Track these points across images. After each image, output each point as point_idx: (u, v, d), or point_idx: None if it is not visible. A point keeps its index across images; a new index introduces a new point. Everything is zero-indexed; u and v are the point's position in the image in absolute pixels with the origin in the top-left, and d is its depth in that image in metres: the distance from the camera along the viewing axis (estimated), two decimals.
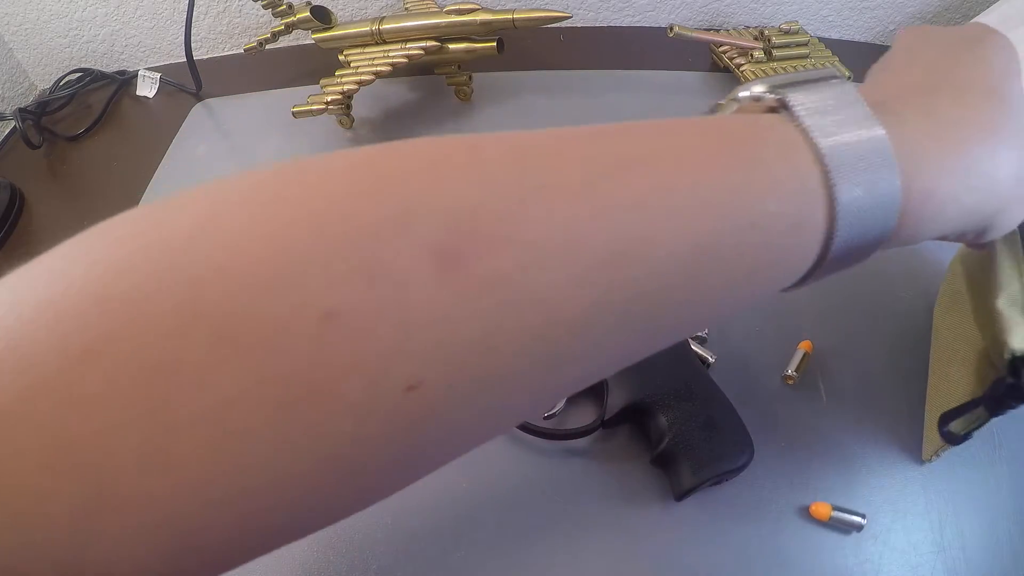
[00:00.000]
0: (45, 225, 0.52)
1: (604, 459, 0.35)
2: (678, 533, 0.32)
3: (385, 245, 0.13)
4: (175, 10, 0.64)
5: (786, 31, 0.54)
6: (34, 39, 0.65)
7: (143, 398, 0.11)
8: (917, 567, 0.31)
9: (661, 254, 0.15)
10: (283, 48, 0.66)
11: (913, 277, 0.42)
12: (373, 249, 0.13)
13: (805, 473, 0.34)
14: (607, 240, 0.15)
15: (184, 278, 0.12)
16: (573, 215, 0.14)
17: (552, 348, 0.15)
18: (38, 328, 0.12)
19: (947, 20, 0.64)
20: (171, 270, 0.12)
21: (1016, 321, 0.25)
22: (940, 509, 0.33)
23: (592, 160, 0.16)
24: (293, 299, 0.12)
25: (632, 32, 0.67)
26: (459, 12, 0.51)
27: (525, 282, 0.14)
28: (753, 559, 0.32)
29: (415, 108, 0.57)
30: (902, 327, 0.40)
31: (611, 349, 0.16)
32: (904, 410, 0.36)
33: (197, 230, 0.13)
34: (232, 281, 0.12)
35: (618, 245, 0.15)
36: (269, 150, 0.54)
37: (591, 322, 0.15)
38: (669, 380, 0.33)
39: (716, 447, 0.31)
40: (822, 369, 0.38)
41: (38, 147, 0.57)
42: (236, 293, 0.12)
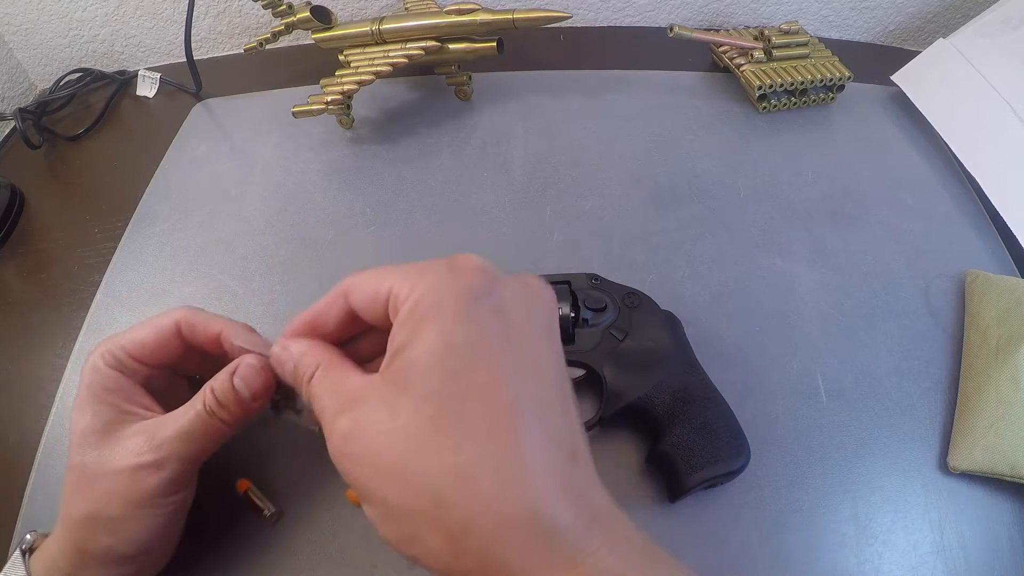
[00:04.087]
0: (45, 225, 0.51)
1: (600, 457, 0.34)
2: (675, 533, 0.32)
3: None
4: (175, 10, 0.64)
5: (786, 31, 0.54)
6: (34, 39, 0.65)
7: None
8: (917, 567, 0.31)
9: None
10: (283, 48, 0.66)
11: (913, 277, 0.43)
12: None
13: (804, 474, 0.34)
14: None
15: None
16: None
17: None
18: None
19: (947, 20, 0.64)
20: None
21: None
22: (940, 509, 0.33)
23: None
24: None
25: (632, 32, 0.67)
26: (459, 12, 0.51)
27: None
28: (752, 560, 0.31)
29: (415, 108, 0.57)
30: (902, 327, 0.40)
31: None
32: (904, 410, 0.36)
33: None
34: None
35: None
36: (269, 150, 0.54)
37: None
38: (667, 381, 0.33)
39: (712, 450, 0.31)
40: (822, 369, 0.38)
41: (38, 147, 0.57)
42: None
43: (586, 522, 0.20)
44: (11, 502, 0.35)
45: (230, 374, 0.28)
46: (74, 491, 0.27)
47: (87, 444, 0.27)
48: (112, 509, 0.26)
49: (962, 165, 0.49)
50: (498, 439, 0.20)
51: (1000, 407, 0.33)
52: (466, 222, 0.47)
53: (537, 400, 0.21)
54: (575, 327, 0.35)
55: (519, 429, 0.20)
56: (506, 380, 0.21)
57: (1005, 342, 0.36)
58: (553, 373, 0.23)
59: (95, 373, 0.28)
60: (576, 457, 0.22)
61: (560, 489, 0.20)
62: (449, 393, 0.20)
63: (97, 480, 0.26)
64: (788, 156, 0.51)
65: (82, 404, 0.28)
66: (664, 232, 0.46)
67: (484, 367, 0.21)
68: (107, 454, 0.27)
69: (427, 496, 0.20)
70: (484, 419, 0.20)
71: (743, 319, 0.40)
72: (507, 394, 0.21)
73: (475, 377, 0.21)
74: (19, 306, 0.46)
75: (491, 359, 0.21)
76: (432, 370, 0.21)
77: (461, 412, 0.20)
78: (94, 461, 0.27)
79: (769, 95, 0.54)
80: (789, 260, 0.44)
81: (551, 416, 0.22)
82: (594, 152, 0.52)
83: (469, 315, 0.21)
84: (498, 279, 0.23)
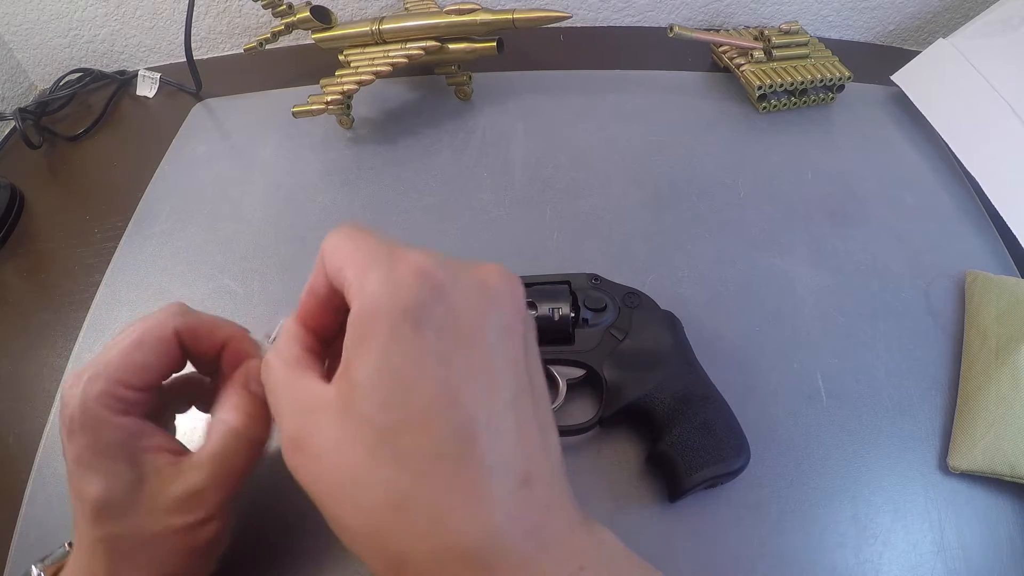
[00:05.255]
0: (45, 225, 0.51)
1: (600, 456, 0.35)
2: (675, 533, 0.32)
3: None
4: (175, 10, 0.64)
5: (786, 31, 0.54)
6: (34, 39, 0.65)
7: None
8: (917, 567, 0.31)
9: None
10: (283, 48, 0.66)
11: (913, 277, 0.43)
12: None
13: (804, 474, 0.34)
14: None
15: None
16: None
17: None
18: None
19: (947, 20, 0.64)
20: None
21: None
22: (940, 509, 0.33)
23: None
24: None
25: (632, 32, 0.67)
26: (459, 12, 0.51)
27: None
28: (752, 560, 0.31)
29: (415, 108, 0.57)
30: (902, 327, 0.40)
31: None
32: (904, 410, 0.36)
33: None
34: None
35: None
36: (269, 150, 0.54)
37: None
38: (667, 381, 0.33)
39: (712, 450, 0.31)
40: (822, 369, 0.38)
41: (38, 147, 0.57)
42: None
43: (535, 549, 0.19)
44: (11, 502, 0.35)
45: (245, 386, 0.26)
46: (114, 563, 0.24)
47: (109, 515, 0.24)
48: (168, 570, 0.25)
49: (962, 165, 0.49)
50: (435, 472, 0.19)
51: (1000, 407, 0.33)
52: (466, 222, 0.47)
53: (484, 423, 0.20)
54: (575, 327, 0.35)
55: (459, 460, 0.19)
56: (447, 407, 0.20)
57: (1005, 342, 0.36)
58: (509, 387, 0.21)
59: (99, 427, 0.24)
60: (529, 480, 0.20)
61: (503, 518, 0.19)
62: (386, 423, 0.20)
63: (143, 548, 0.24)
64: (788, 156, 0.51)
65: (87, 468, 0.24)
66: (664, 232, 0.46)
67: (423, 394, 0.20)
68: (146, 519, 0.24)
69: (366, 524, 0.20)
70: (420, 452, 0.19)
71: (743, 319, 0.40)
72: (446, 425, 0.19)
73: (413, 406, 0.19)
74: (19, 306, 0.46)
75: (431, 385, 0.20)
76: (371, 396, 0.20)
77: (397, 444, 0.19)
78: (129, 531, 0.24)
79: (769, 95, 0.54)
80: (789, 260, 0.44)
81: (499, 439, 0.20)
82: (594, 152, 0.52)
83: (408, 336, 0.20)
84: (446, 286, 0.21)
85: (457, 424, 0.20)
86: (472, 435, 0.20)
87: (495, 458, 0.20)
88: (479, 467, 0.20)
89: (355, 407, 0.20)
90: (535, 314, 0.35)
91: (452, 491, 0.19)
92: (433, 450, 0.19)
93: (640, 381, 0.33)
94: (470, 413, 0.20)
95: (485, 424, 0.20)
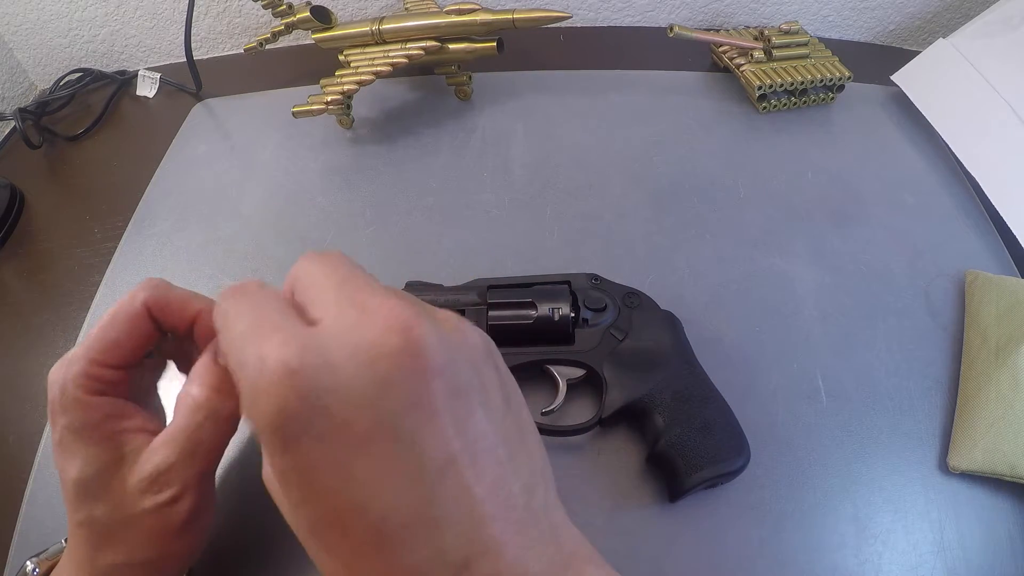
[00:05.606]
0: (45, 225, 0.52)
1: (600, 456, 0.35)
2: (675, 533, 0.32)
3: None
4: (175, 10, 0.64)
5: (786, 31, 0.54)
6: (34, 39, 0.65)
7: None
8: (917, 567, 0.31)
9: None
10: (283, 48, 0.66)
11: (913, 277, 0.43)
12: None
13: (804, 474, 0.34)
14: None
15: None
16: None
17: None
18: None
19: (947, 20, 0.64)
20: None
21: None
22: (940, 509, 0.33)
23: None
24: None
25: (632, 32, 0.67)
26: (459, 12, 0.51)
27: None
28: (752, 560, 0.31)
29: (415, 108, 0.57)
30: (902, 327, 0.40)
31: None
32: (904, 410, 0.36)
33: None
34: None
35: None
36: (269, 150, 0.54)
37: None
38: (667, 381, 0.33)
39: (712, 450, 0.31)
40: (822, 369, 0.38)
41: (38, 147, 0.57)
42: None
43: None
44: (11, 502, 0.35)
45: (213, 359, 0.25)
46: (93, 548, 0.24)
47: (88, 496, 0.24)
48: (145, 553, 0.24)
49: (962, 165, 0.49)
50: (360, 570, 0.19)
51: (1000, 407, 0.33)
52: (466, 222, 0.47)
53: (400, 522, 0.18)
54: (575, 327, 0.35)
55: (377, 559, 0.18)
56: (356, 515, 0.18)
57: (1005, 342, 0.36)
58: (438, 458, 0.18)
59: (76, 408, 0.24)
60: (468, 565, 0.18)
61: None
62: (309, 517, 0.19)
63: (118, 531, 0.24)
64: (788, 156, 0.51)
65: (66, 450, 0.24)
66: (664, 232, 0.46)
67: (325, 500, 0.18)
68: (118, 501, 0.24)
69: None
70: (343, 550, 0.19)
71: (743, 319, 0.40)
72: (359, 527, 0.18)
73: (324, 507, 0.18)
74: (19, 306, 0.46)
75: (329, 496, 0.18)
76: (282, 495, 0.19)
77: (324, 539, 0.19)
78: (106, 513, 0.24)
79: (769, 95, 0.54)
80: (789, 260, 0.44)
81: (421, 533, 0.18)
82: (594, 152, 0.52)
83: (286, 451, 0.18)
84: (318, 397, 0.17)
85: (369, 525, 0.18)
86: (386, 537, 0.18)
87: (420, 553, 0.18)
88: (401, 567, 0.18)
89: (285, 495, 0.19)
90: (535, 314, 0.35)
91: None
92: (352, 551, 0.18)
93: (640, 381, 0.33)
94: (382, 513, 0.18)
95: (402, 523, 0.18)
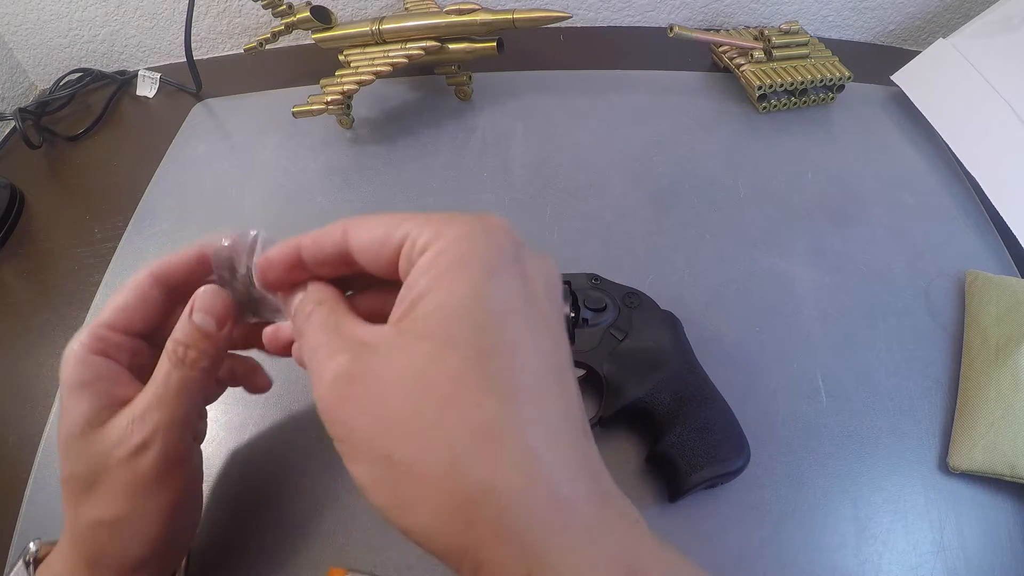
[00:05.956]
0: (45, 225, 0.52)
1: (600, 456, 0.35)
2: (675, 533, 0.32)
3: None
4: (175, 10, 0.64)
5: (786, 31, 0.54)
6: (34, 39, 0.65)
7: None
8: (917, 567, 0.31)
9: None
10: (283, 48, 0.66)
11: (913, 277, 0.43)
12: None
13: (804, 474, 0.34)
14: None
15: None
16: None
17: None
18: None
19: (947, 20, 0.64)
20: None
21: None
22: (940, 509, 0.33)
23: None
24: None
25: (632, 32, 0.67)
26: (459, 12, 0.51)
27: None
28: (752, 560, 0.31)
29: (415, 108, 0.57)
30: (902, 327, 0.40)
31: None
32: (904, 410, 0.36)
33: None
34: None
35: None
36: (269, 150, 0.54)
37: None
38: (667, 381, 0.33)
39: (712, 450, 0.31)
40: (822, 369, 0.38)
41: (38, 147, 0.57)
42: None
43: (600, 499, 0.19)
44: (11, 502, 0.35)
45: (188, 315, 0.26)
46: (75, 503, 0.25)
47: (74, 450, 0.25)
48: (118, 508, 0.25)
49: (962, 165, 0.49)
50: (523, 400, 0.19)
51: (1000, 407, 0.33)
52: None
53: (557, 369, 0.20)
54: (575, 327, 0.35)
55: (543, 394, 0.19)
56: (532, 344, 0.20)
57: (1005, 342, 0.36)
58: (567, 348, 0.22)
59: (77, 364, 0.26)
60: (587, 433, 0.21)
61: (576, 461, 0.19)
62: (475, 346, 0.19)
63: (94, 484, 0.25)
64: (788, 156, 0.51)
65: (62, 408, 0.26)
66: (664, 232, 0.46)
67: (511, 327, 0.20)
68: (97, 453, 0.25)
69: (442, 453, 0.18)
70: (510, 378, 0.19)
71: (743, 319, 0.40)
72: (532, 358, 0.20)
73: (502, 335, 0.19)
74: (19, 306, 0.46)
75: (518, 321, 0.20)
76: (459, 320, 0.19)
77: (487, 368, 0.19)
78: (85, 465, 0.25)
79: (769, 95, 0.54)
80: (789, 260, 0.44)
81: (568, 388, 0.21)
82: (594, 152, 0.52)
83: (501, 272, 0.20)
84: (522, 245, 0.22)
85: (540, 363, 0.20)
86: (551, 377, 0.20)
87: (568, 404, 0.20)
88: (558, 408, 0.20)
89: (434, 334, 0.19)
90: None
91: (539, 425, 0.19)
92: (521, 381, 0.19)
93: (640, 381, 0.33)
94: (548, 357, 0.20)
95: (557, 371, 0.20)
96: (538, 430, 0.19)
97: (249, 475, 0.35)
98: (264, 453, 0.36)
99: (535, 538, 0.18)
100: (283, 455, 0.35)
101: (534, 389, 0.19)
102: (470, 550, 0.18)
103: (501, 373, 0.19)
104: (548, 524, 0.18)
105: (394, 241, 0.21)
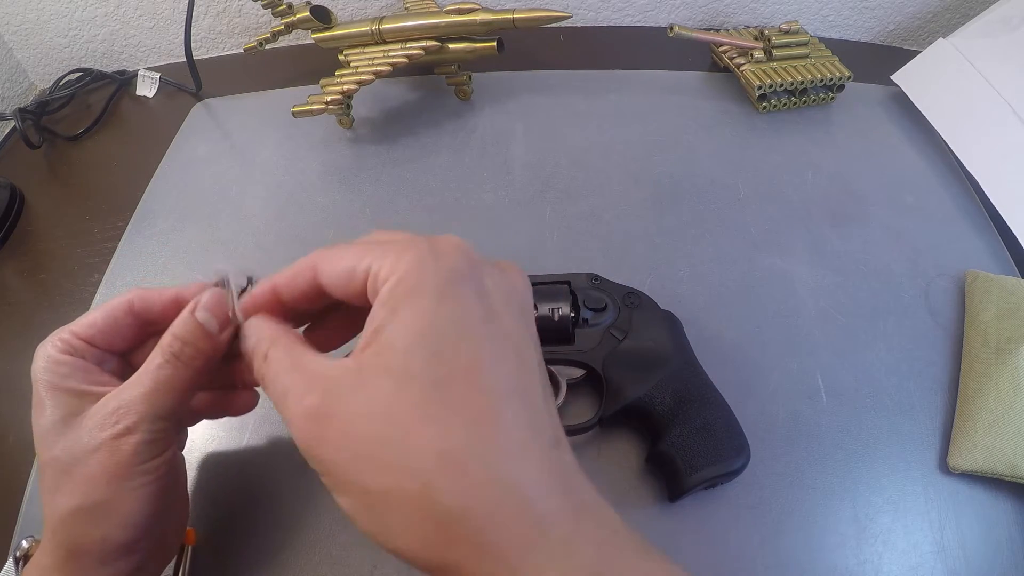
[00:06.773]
0: (45, 225, 0.51)
1: (600, 456, 0.35)
2: (675, 533, 0.32)
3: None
4: (175, 10, 0.64)
5: (786, 31, 0.54)
6: (34, 39, 0.65)
7: None
8: (917, 567, 0.31)
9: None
10: (283, 48, 0.66)
11: (913, 277, 0.43)
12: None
13: (804, 474, 0.34)
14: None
15: None
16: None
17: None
18: None
19: (947, 20, 0.64)
20: None
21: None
22: (940, 509, 0.33)
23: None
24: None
25: (632, 32, 0.67)
26: (459, 12, 0.51)
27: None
28: (752, 560, 0.31)
29: (415, 108, 0.57)
30: (902, 327, 0.40)
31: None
32: (904, 410, 0.36)
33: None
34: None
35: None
36: (269, 150, 0.54)
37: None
38: (667, 381, 0.33)
39: (712, 451, 0.31)
40: (822, 369, 0.38)
41: (38, 147, 0.57)
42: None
43: (574, 509, 0.20)
44: (11, 502, 0.35)
45: (191, 312, 0.26)
46: (53, 489, 0.25)
47: (52, 437, 0.25)
48: (97, 493, 0.24)
49: (962, 165, 0.49)
50: (484, 423, 0.20)
51: (1000, 407, 0.33)
52: (466, 222, 0.47)
53: (519, 385, 0.21)
54: (575, 327, 0.35)
55: (504, 413, 0.20)
56: (489, 363, 0.20)
57: (1005, 342, 0.36)
58: (533, 359, 0.22)
59: (48, 364, 0.27)
60: (559, 443, 0.21)
61: (547, 475, 0.20)
62: (433, 375, 0.20)
63: (73, 468, 0.24)
64: (788, 156, 0.51)
65: (38, 403, 0.26)
66: (664, 232, 0.46)
67: (467, 349, 0.20)
68: (76, 438, 0.25)
69: (413, 482, 0.19)
70: (469, 402, 0.20)
71: (743, 319, 0.40)
72: (490, 378, 0.20)
73: (459, 359, 0.20)
74: (19, 306, 0.46)
75: (474, 341, 0.21)
76: (415, 351, 0.20)
77: (446, 395, 0.20)
78: (64, 451, 0.25)
79: (769, 95, 0.54)
80: (789, 260, 0.44)
81: (533, 401, 0.21)
82: (594, 152, 0.52)
83: (452, 296, 0.21)
84: (478, 262, 0.23)
85: (499, 380, 0.20)
86: (513, 393, 0.21)
87: (534, 417, 0.21)
88: (523, 423, 0.20)
89: (394, 367, 0.20)
90: (535, 314, 0.35)
91: (502, 444, 0.20)
92: (481, 403, 0.20)
93: (640, 381, 0.33)
94: (508, 372, 0.21)
95: (520, 386, 0.21)
96: (503, 450, 0.20)
97: (249, 475, 0.35)
98: (264, 453, 0.36)
99: (514, 554, 0.19)
100: (283, 455, 0.35)
101: (496, 408, 0.20)
102: (455, 566, 0.19)
103: (461, 398, 0.20)
104: (523, 541, 0.19)
105: (359, 274, 0.22)
